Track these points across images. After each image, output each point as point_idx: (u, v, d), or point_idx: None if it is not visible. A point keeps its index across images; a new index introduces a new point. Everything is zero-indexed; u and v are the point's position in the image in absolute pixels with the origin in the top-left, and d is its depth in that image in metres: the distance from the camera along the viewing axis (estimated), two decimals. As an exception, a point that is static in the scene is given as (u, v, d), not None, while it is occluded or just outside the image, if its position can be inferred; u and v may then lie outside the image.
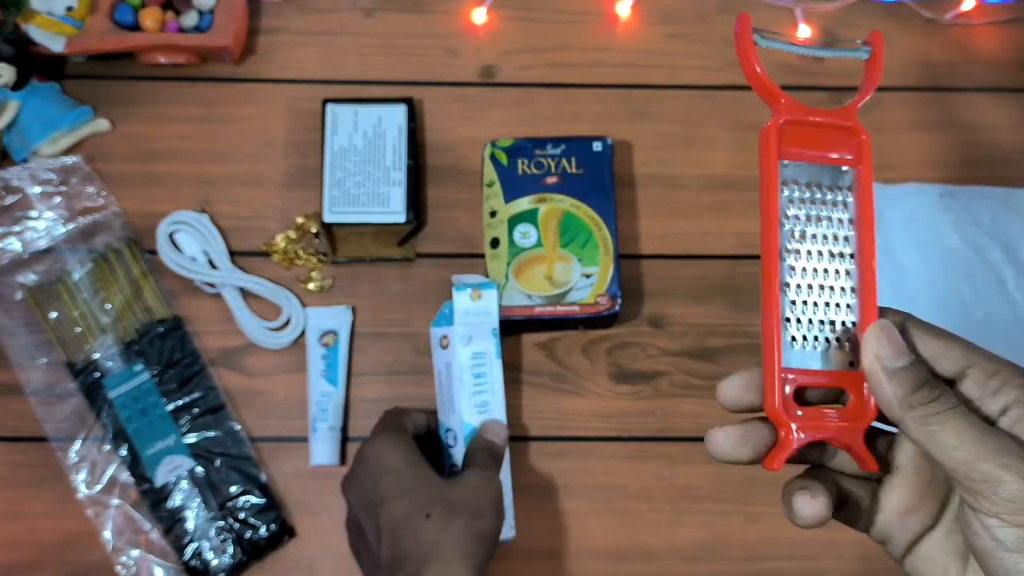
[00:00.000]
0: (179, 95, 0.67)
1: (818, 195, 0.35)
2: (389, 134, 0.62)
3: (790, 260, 0.34)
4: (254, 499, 0.58)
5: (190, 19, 0.65)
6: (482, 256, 0.63)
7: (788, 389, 0.33)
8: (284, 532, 0.58)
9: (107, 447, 0.58)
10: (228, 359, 0.61)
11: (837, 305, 0.34)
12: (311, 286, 0.63)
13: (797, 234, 0.34)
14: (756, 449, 0.34)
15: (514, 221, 0.60)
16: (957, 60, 0.71)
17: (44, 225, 0.62)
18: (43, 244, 0.61)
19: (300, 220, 0.64)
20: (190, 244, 0.62)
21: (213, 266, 0.62)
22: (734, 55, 0.76)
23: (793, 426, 0.32)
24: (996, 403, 0.30)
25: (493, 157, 0.62)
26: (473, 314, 0.55)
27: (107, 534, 0.57)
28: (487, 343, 0.55)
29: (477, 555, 0.46)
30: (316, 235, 0.63)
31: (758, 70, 0.35)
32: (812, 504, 0.32)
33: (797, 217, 0.34)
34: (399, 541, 0.46)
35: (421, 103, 0.67)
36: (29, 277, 0.61)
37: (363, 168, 0.61)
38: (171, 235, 0.62)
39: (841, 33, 0.71)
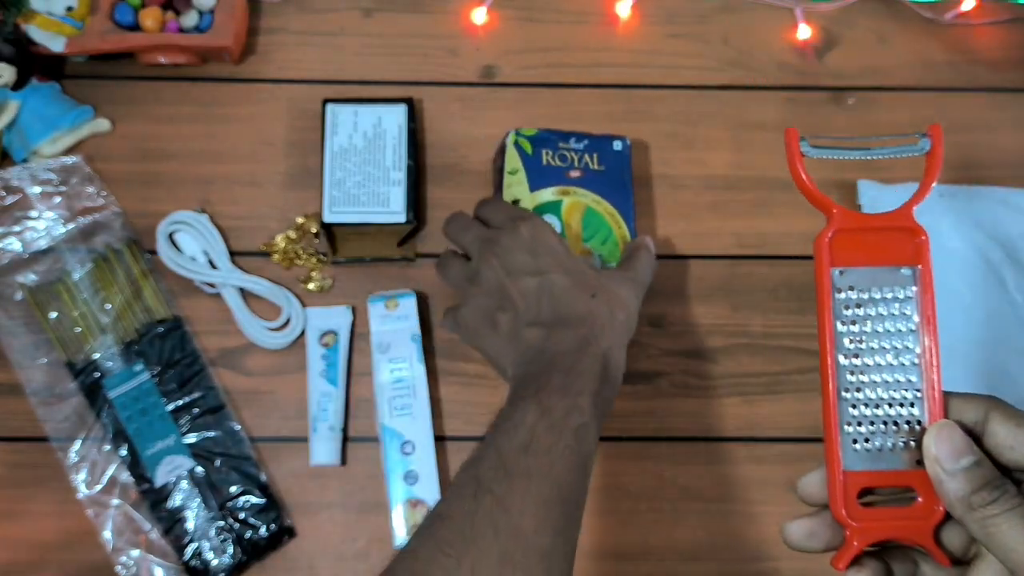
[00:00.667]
0: (179, 95, 0.67)
1: (877, 297, 0.34)
2: (389, 134, 0.62)
3: (848, 365, 0.34)
4: (254, 499, 0.58)
5: (190, 19, 0.65)
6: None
7: (850, 491, 0.34)
8: (284, 532, 0.58)
9: (107, 447, 0.58)
10: (228, 359, 0.61)
11: (901, 405, 0.34)
12: (311, 286, 0.63)
13: (855, 340, 0.34)
14: (826, 541, 0.35)
15: (539, 211, 0.59)
16: (957, 60, 0.71)
17: (44, 225, 0.62)
18: (43, 244, 0.61)
19: (300, 220, 0.64)
20: (190, 244, 0.62)
21: (213, 266, 0.62)
22: (734, 55, 0.76)
23: (857, 529, 0.34)
24: None
25: (517, 145, 0.61)
26: (390, 322, 0.59)
27: (107, 534, 0.57)
28: (407, 349, 0.58)
29: (625, 354, 0.50)
30: (316, 235, 0.63)
31: (807, 180, 0.35)
32: None
33: (854, 322, 0.34)
34: (563, 305, 0.49)
35: (421, 103, 0.67)
36: (29, 277, 0.61)
37: (363, 168, 0.61)
38: (171, 235, 0.62)
39: (840, 33, 0.71)
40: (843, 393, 0.34)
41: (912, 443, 0.34)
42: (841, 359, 0.34)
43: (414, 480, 0.56)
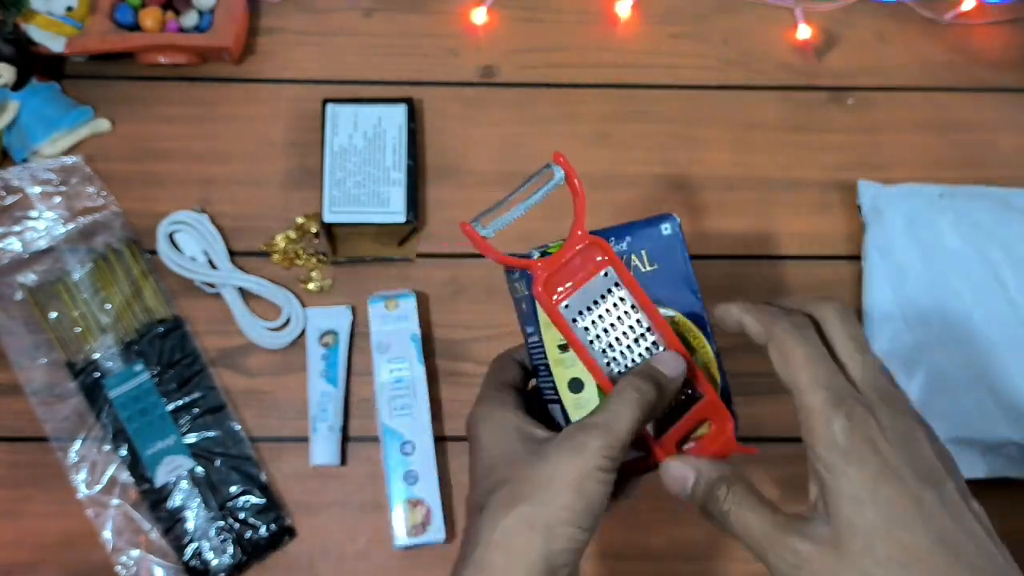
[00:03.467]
0: (179, 95, 0.67)
1: (604, 307, 0.40)
2: (389, 134, 0.62)
3: (616, 364, 0.39)
4: (254, 499, 0.58)
5: (190, 19, 0.65)
6: (482, 256, 0.63)
7: (669, 450, 0.40)
8: (284, 532, 0.58)
9: (107, 447, 0.58)
10: (228, 359, 0.61)
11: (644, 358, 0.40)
12: (311, 286, 0.63)
13: (608, 347, 0.39)
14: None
15: None
16: (957, 60, 0.71)
17: (44, 225, 0.62)
18: (43, 244, 0.61)
19: (300, 220, 0.64)
20: (190, 244, 0.62)
21: (213, 266, 0.62)
22: (734, 55, 0.76)
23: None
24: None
25: None
26: (390, 322, 0.59)
27: (107, 534, 0.57)
28: (407, 349, 0.59)
29: (530, 550, 0.36)
30: (316, 235, 0.63)
31: (501, 257, 0.39)
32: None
33: (598, 335, 0.39)
34: (467, 525, 0.40)
35: (421, 103, 0.67)
36: (29, 277, 0.61)
37: (363, 168, 0.61)
38: (171, 235, 0.62)
39: (840, 33, 0.71)
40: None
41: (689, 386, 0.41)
42: (610, 368, 0.39)
43: (414, 480, 0.56)
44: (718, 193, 0.66)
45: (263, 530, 0.58)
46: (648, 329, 0.40)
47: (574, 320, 0.39)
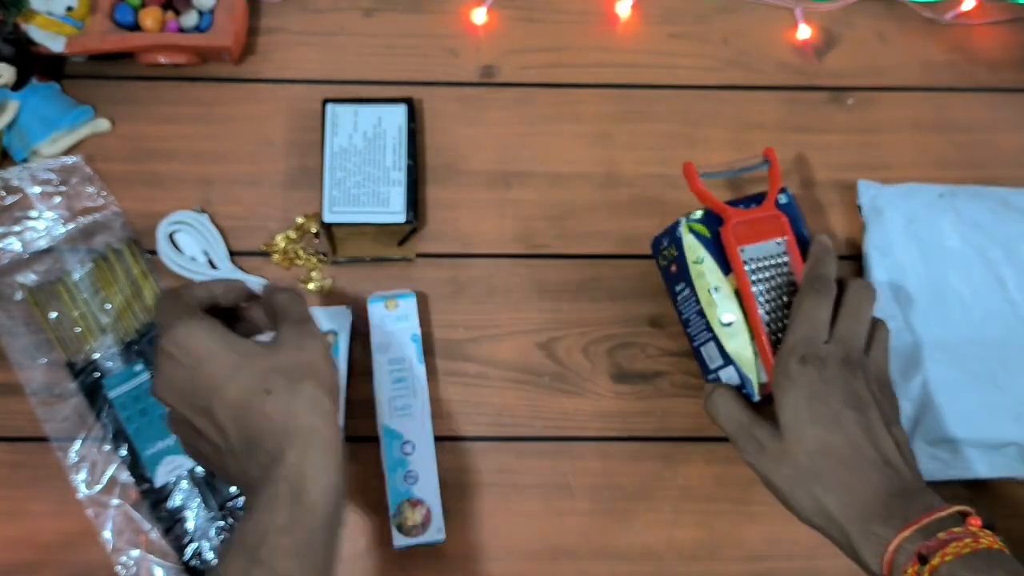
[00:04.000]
0: (179, 95, 0.67)
1: (768, 261, 0.54)
2: (389, 134, 0.62)
3: (764, 305, 0.54)
4: (254, 499, 0.58)
5: (190, 19, 0.65)
6: (482, 256, 0.63)
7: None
8: (284, 532, 0.58)
9: (107, 447, 0.58)
10: (228, 359, 0.61)
11: (784, 310, 0.54)
12: (311, 286, 0.63)
13: (763, 291, 0.54)
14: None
15: (736, 294, 0.55)
16: (957, 60, 0.71)
17: (44, 225, 0.62)
18: (43, 244, 0.61)
19: (300, 220, 0.64)
20: (190, 244, 0.62)
21: (213, 266, 0.62)
22: (734, 55, 0.76)
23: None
24: None
25: (693, 232, 0.56)
26: (390, 322, 0.59)
27: (107, 534, 0.57)
28: (407, 349, 0.58)
29: (333, 411, 0.45)
30: (316, 235, 0.64)
31: (709, 194, 0.55)
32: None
33: (759, 280, 0.54)
34: (246, 424, 0.44)
35: (421, 103, 0.67)
36: (29, 277, 0.61)
37: (363, 168, 0.61)
38: (171, 235, 0.62)
39: (840, 33, 0.71)
40: (764, 316, 0.53)
41: None
42: (760, 303, 0.53)
43: (414, 480, 0.56)
44: (718, 193, 0.66)
45: (263, 530, 0.57)
46: (792, 286, 0.54)
47: (745, 263, 0.53)
